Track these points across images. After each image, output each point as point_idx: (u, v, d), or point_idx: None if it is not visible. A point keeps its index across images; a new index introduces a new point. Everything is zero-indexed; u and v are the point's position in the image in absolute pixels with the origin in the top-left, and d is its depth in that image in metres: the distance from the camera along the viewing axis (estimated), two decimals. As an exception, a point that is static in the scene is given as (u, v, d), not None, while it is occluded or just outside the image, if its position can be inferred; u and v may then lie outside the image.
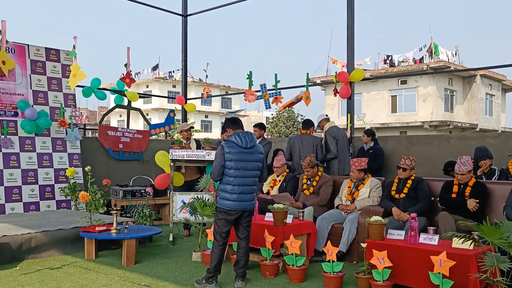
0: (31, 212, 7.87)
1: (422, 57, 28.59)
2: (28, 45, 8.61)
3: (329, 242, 4.87)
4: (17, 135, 8.10)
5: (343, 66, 9.49)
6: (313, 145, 7.50)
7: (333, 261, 4.65)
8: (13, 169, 7.92)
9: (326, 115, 8.10)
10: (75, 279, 4.88)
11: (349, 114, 8.74)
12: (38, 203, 8.09)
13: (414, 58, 28.43)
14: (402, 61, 29.31)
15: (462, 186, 5.37)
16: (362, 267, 4.57)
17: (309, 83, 9.12)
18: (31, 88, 8.47)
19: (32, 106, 8.30)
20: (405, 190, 5.66)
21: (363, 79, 8.87)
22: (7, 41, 7.71)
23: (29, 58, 8.56)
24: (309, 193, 6.49)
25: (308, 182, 6.58)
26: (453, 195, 5.38)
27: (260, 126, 8.22)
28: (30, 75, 8.51)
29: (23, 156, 8.08)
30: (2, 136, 7.89)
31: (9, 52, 8.11)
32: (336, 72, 8.81)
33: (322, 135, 7.93)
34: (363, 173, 6.05)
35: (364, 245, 4.53)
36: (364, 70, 17.08)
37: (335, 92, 8.66)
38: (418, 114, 29.77)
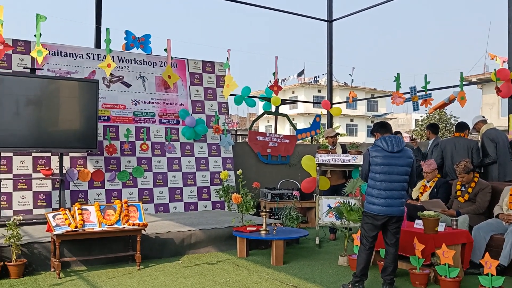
0: (190, 211, 8.65)
1: None
2: (187, 59, 9.50)
3: (487, 254, 4.51)
4: (179, 141, 8.98)
5: (504, 61, 8.63)
6: (467, 149, 7.00)
7: (492, 275, 4.29)
8: (175, 172, 8.78)
9: (483, 117, 7.48)
10: (229, 275, 5.25)
11: (511, 115, 7.97)
12: (196, 203, 8.85)
13: None
14: None
15: None
16: (527, 284, 4.15)
17: (463, 82, 8.53)
18: (190, 98, 9.32)
19: (191, 114, 9.13)
20: None
21: (528, 75, 8.01)
22: (171, 58, 8.60)
23: (188, 71, 9.44)
24: (463, 201, 6.07)
25: (463, 189, 6.16)
26: None
27: (428, 127, 7.97)
28: (189, 86, 9.37)
29: (183, 160, 8.93)
30: (167, 142, 8.82)
31: (172, 66, 9.04)
32: (495, 69, 8.10)
33: (479, 138, 7.35)
34: (528, 179, 5.47)
35: (529, 259, 4.11)
36: (530, 65, 15.31)
37: (497, 90, 7.97)
38: None
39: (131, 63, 8.83)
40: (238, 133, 15.51)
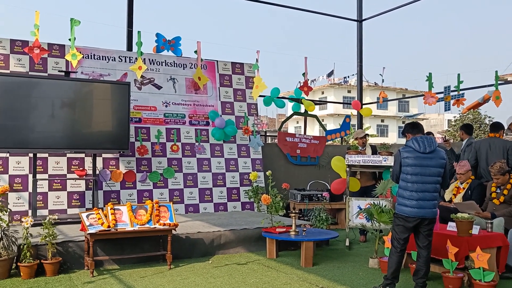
0: (220, 212, 8.70)
1: None
2: (217, 61, 9.57)
3: (523, 257, 4.39)
4: (208, 142, 9.05)
5: (541, 60, 8.41)
6: (503, 149, 6.82)
7: (529, 279, 4.17)
8: (205, 173, 8.86)
9: (519, 117, 7.27)
10: (258, 275, 5.26)
11: (548, 115, 7.71)
12: (226, 204, 8.90)
13: None
14: None
15: None
16: None
17: (498, 81, 8.31)
18: (219, 100, 9.39)
19: (221, 116, 9.20)
20: None
21: None
22: (201, 59, 8.69)
23: (218, 72, 9.51)
24: (499, 203, 5.91)
25: (498, 191, 6.00)
26: None
27: (462, 127, 7.81)
28: (219, 87, 9.44)
29: (213, 161, 8.99)
30: (197, 143, 8.91)
31: (202, 68, 9.13)
32: (531, 68, 7.87)
33: (515, 139, 7.15)
34: None
35: None
36: None
37: (532, 89, 7.74)
38: None
39: (161, 65, 8.95)
40: (267, 134, 15.53)
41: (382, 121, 46.39)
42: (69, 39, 7.19)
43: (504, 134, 7.25)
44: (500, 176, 5.93)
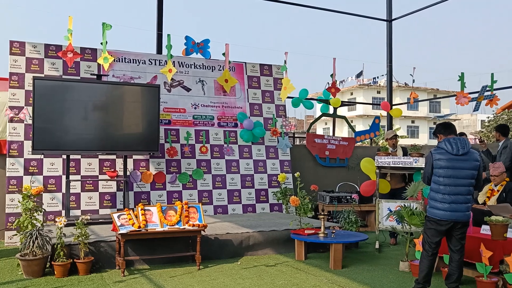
0: (248, 213, 8.72)
1: None
2: (245, 63, 9.61)
3: (562, 262, 4.24)
4: (237, 144, 9.09)
5: None
6: (540, 151, 6.62)
7: None
8: (233, 174, 8.89)
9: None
10: (287, 277, 5.24)
11: None
12: (254, 205, 8.91)
13: None
14: None
15: None
16: None
17: (534, 81, 8.07)
18: (248, 101, 9.42)
19: (249, 117, 9.22)
20: None
21: None
22: (229, 61, 8.73)
23: (246, 74, 9.54)
24: (535, 206, 5.73)
25: (534, 193, 5.82)
26: None
27: (498, 129, 7.62)
28: (247, 89, 9.47)
29: (242, 162, 9.02)
30: (225, 145, 8.96)
31: (230, 70, 9.18)
32: None
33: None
34: None
35: None
36: None
37: None
38: None
39: (191, 67, 9.04)
40: (295, 136, 15.49)
41: (413, 122, 45.64)
42: (101, 43, 7.35)
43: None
44: (536, 178, 5.74)
